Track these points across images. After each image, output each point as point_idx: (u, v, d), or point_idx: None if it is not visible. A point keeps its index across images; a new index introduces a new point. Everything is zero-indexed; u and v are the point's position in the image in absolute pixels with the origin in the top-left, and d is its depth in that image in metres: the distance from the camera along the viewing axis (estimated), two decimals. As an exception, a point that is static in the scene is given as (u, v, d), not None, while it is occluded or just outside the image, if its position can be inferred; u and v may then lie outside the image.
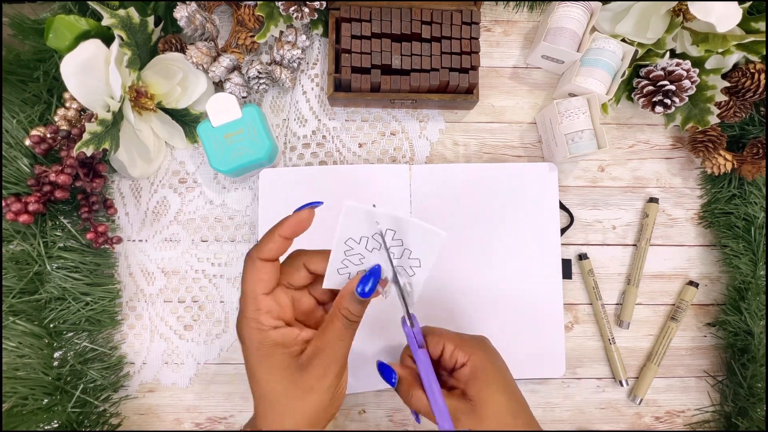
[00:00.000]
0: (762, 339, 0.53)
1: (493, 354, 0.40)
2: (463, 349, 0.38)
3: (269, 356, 0.33)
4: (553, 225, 0.54)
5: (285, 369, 0.33)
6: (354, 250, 0.34)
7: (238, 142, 0.50)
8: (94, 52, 0.47)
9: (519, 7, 0.59)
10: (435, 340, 0.39)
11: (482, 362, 0.38)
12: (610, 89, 0.54)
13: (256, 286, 0.34)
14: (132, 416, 0.54)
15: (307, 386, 0.33)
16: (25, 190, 0.49)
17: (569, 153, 0.52)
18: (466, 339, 0.39)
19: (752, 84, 0.52)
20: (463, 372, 0.38)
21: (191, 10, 0.50)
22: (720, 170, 0.54)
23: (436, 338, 0.39)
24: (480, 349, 0.39)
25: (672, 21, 0.52)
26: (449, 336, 0.39)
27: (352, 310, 0.34)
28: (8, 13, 0.50)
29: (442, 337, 0.39)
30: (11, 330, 0.49)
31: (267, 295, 0.34)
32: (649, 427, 0.56)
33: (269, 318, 0.34)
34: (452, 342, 0.38)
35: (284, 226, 0.34)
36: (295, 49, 0.53)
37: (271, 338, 0.33)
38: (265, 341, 0.33)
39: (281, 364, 0.33)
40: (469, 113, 0.58)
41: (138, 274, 0.55)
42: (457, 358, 0.38)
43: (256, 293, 0.34)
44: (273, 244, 0.34)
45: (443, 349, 0.39)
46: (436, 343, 0.39)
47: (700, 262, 0.58)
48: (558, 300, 0.54)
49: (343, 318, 0.34)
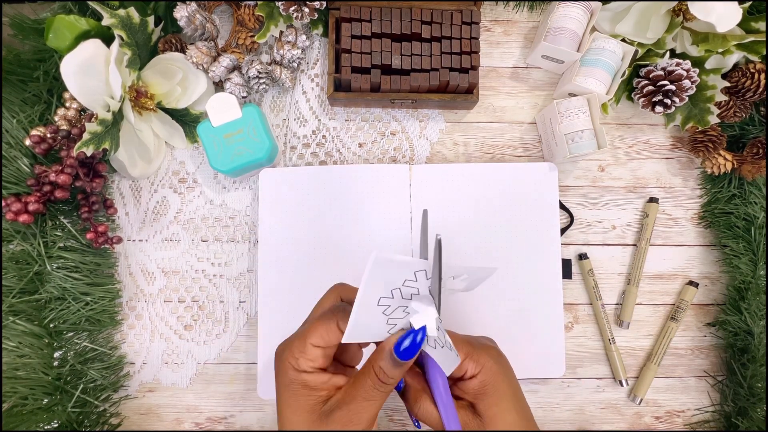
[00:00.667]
0: (762, 339, 0.53)
1: (505, 367, 0.37)
2: (474, 360, 0.35)
3: (296, 395, 0.33)
4: (553, 225, 0.54)
5: (308, 412, 0.32)
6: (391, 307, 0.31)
7: (238, 142, 0.50)
8: (94, 52, 0.47)
9: (519, 7, 0.59)
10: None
11: (494, 377, 0.35)
12: (610, 89, 0.54)
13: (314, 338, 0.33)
14: (132, 416, 0.54)
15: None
16: (25, 190, 0.49)
17: (569, 153, 0.52)
18: (476, 348, 0.36)
19: (752, 84, 0.52)
20: (472, 384, 0.35)
21: (191, 10, 0.50)
22: (720, 170, 0.54)
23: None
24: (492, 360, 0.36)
25: (672, 21, 0.52)
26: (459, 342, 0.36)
27: (385, 370, 0.31)
28: (8, 13, 0.50)
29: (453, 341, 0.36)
30: (11, 330, 0.49)
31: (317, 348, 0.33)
32: (649, 427, 0.56)
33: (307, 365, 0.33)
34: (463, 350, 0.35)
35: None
36: (295, 49, 0.53)
37: (302, 379, 0.33)
38: (296, 381, 0.33)
39: (305, 406, 0.32)
40: (469, 113, 0.58)
41: (138, 274, 0.55)
42: (466, 369, 0.35)
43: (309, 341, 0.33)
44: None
45: None
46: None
47: (700, 262, 0.58)
48: (558, 300, 0.54)
49: (375, 377, 0.32)
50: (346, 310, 0.33)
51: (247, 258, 0.55)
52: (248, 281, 0.55)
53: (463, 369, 0.35)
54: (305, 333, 0.33)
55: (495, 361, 0.36)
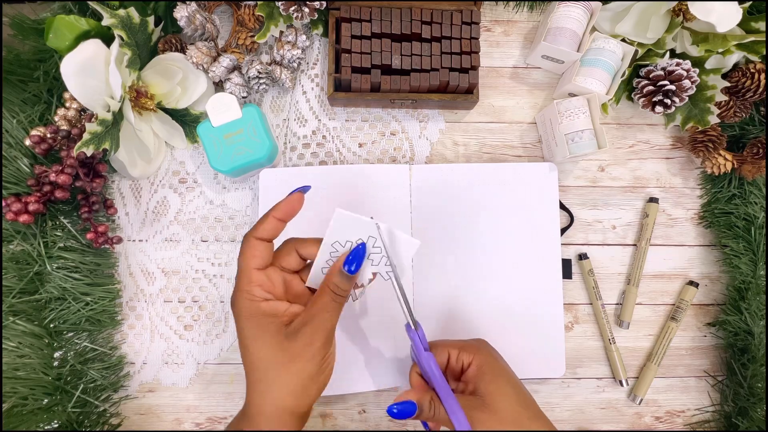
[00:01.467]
0: (762, 339, 0.53)
1: (494, 352, 0.43)
2: (467, 351, 0.41)
3: (259, 325, 0.35)
4: (553, 225, 0.54)
5: (273, 336, 0.35)
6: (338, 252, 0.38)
7: (238, 142, 0.50)
8: (94, 52, 0.47)
9: (519, 7, 0.59)
10: (440, 350, 0.41)
11: (486, 358, 0.41)
12: (610, 89, 0.54)
13: (250, 262, 0.36)
14: (132, 416, 0.54)
15: (294, 353, 0.35)
16: (25, 190, 0.49)
17: (569, 153, 0.52)
18: (468, 343, 0.43)
19: (752, 84, 0.52)
20: (470, 371, 0.41)
21: (191, 10, 0.50)
22: (720, 170, 0.54)
23: (440, 348, 0.41)
24: (482, 348, 0.42)
25: (672, 21, 0.52)
26: (452, 343, 0.42)
27: (339, 285, 0.36)
28: (8, 13, 0.50)
29: (445, 345, 0.42)
30: (11, 330, 0.49)
31: (260, 271, 0.36)
32: (649, 427, 0.56)
33: (260, 290, 0.36)
34: (455, 347, 0.41)
35: (277, 209, 0.37)
36: (295, 49, 0.53)
37: (262, 308, 0.36)
38: (256, 311, 0.35)
39: (270, 331, 0.35)
40: (469, 113, 0.58)
41: (138, 274, 0.55)
42: (463, 361, 0.41)
43: (250, 268, 0.36)
44: (268, 224, 0.36)
45: (449, 357, 0.41)
46: (442, 353, 0.41)
47: (700, 262, 0.58)
48: (558, 300, 0.54)
49: (331, 292, 0.36)
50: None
51: (247, 258, 0.55)
52: (248, 281, 0.55)
53: (460, 361, 0.41)
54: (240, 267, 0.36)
55: (484, 348, 0.42)
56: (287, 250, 0.38)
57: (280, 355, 0.35)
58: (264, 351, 0.35)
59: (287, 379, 0.35)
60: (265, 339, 0.35)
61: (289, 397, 0.35)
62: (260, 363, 0.35)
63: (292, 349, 0.35)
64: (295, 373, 0.35)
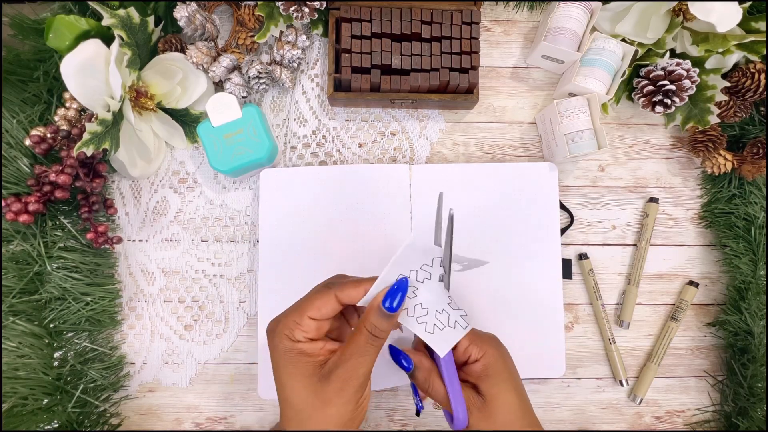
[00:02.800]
0: (762, 339, 0.53)
1: (505, 353, 0.41)
2: (478, 345, 0.39)
3: (294, 363, 0.34)
4: (553, 225, 0.54)
5: (308, 377, 0.34)
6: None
7: (238, 142, 0.50)
8: (94, 52, 0.47)
9: (519, 7, 0.59)
10: None
11: (495, 360, 0.39)
12: (610, 89, 0.54)
13: (311, 310, 0.35)
14: (132, 416, 0.54)
15: (326, 397, 0.34)
16: (25, 190, 0.49)
17: (569, 153, 0.52)
18: (480, 335, 0.40)
19: (752, 84, 0.52)
20: (476, 367, 0.39)
21: (191, 10, 0.50)
22: (720, 170, 0.54)
23: None
24: (494, 347, 0.40)
25: (672, 21, 0.52)
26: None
27: (377, 324, 0.34)
28: (8, 13, 0.50)
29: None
30: (11, 330, 0.49)
31: (312, 320, 0.35)
32: (649, 427, 0.56)
33: (302, 335, 0.35)
34: (466, 338, 0.39)
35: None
36: (295, 49, 0.53)
37: (298, 347, 0.35)
38: (293, 349, 0.35)
39: (305, 371, 0.34)
40: (469, 113, 0.58)
41: (138, 274, 0.55)
42: (470, 354, 0.39)
43: (306, 314, 0.35)
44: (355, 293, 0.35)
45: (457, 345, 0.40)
46: None
47: (700, 262, 0.58)
48: (558, 300, 0.54)
49: (367, 333, 0.34)
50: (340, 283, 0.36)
51: (247, 258, 0.55)
52: (248, 281, 0.55)
53: (467, 353, 0.39)
54: (302, 306, 0.35)
55: (496, 348, 0.40)
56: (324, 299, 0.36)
57: (312, 398, 0.34)
58: (297, 391, 0.34)
59: (322, 422, 0.34)
60: (300, 379, 0.34)
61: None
62: (294, 401, 0.34)
63: (326, 393, 0.34)
64: (327, 417, 0.34)
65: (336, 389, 0.34)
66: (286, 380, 0.35)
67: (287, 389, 0.35)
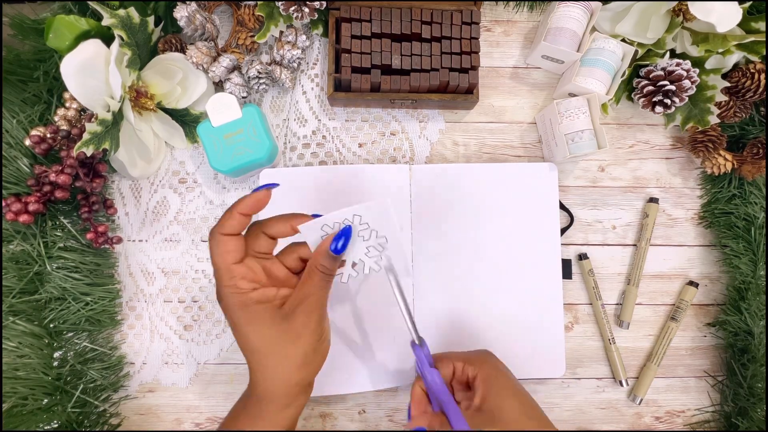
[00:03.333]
0: (762, 339, 0.53)
1: (498, 363, 0.43)
2: (472, 363, 0.41)
3: (253, 313, 0.36)
4: (553, 225, 0.54)
5: (271, 320, 0.36)
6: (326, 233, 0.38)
7: (238, 142, 0.50)
8: (94, 52, 0.47)
9: (519, 7, 0.59)
10: (444, 363, 0.42)
11: (490, 371, 0.41)
12: (610, 89, 0.54)
13: (226, 258, 0.36)
14: (132, 416, 0.54)
15: (294, 332, 0.36)
16: (25, 190, 0.49)
17: (569, 153, 0.52)
18: (472, 354, 0.43)
19: (752, 84, 0.52)
20: (475, 384, 0.41)
21: (191, 10, 0.50)
22: (720, 170, 0.54)
23: (445, 361, 0.42)
24: (486, 360, 0.42)
25: (672, 21, 0.52)
26: (456, 356, 0.43)
27: (327, 265, 0.37)
28: (8, 13, 0.50)
29: (450, 358, 0.42)
30: (11, 330, 0.49)
31: (238, 264, 0.36)
32: (649, 427, 0.56)
33: (245, 282, 0.36)
34: (460, 360, 0.42)
35: (242, 205, 0.37)
36: (295, 49, 0.53)
37: (253, 297, 0.36)
38: (248, 301, 0.36)
39: (266, 316, 0.36)
40: (469, 113, 0.58)
41: (138, 274, 0.55)
42: (468, 373, 0.41)
43: (227, 264, 0.36)
44: (233, 220, 0.37)
45: (454, 370, 0.42)
46: (446, 366, 0.42)
47: (700, 262, 0.58)
48: (558, 300, 0.54)
49: (319, 272, 0.37)
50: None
51: (247, 258, 0.55)
52: (248, 281, 0.55)
53: (465, 373, 0.41)
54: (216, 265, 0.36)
55: (489, 360, 0.42)
56: (254, 235, 0.38)
57: (280, 336, 0.36)
58: (264, 334, 0.36)
59: (293, 355, 0.36)
60: (263, 324, 0.36)
61: (296, 371, 0.37)
62: (262, 346, 0.36)
63: (292, 328, 0.36)
64: (297, 350, 0.36)
65: (302, 322, 0.36)
66: (248, 330, 0.36)
67: (251, 338, 0.36)
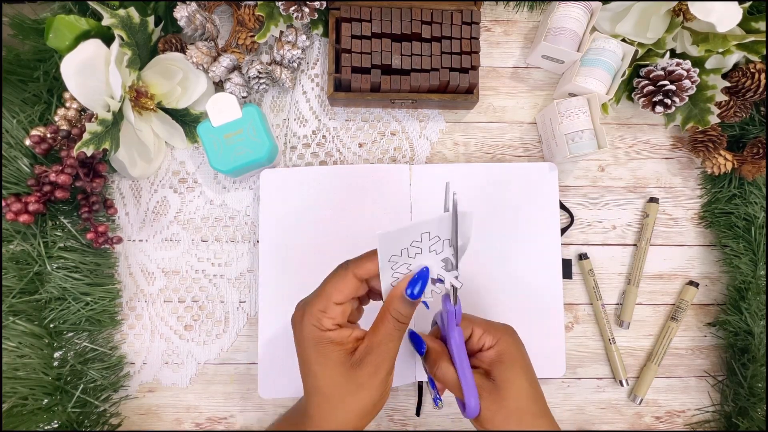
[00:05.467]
0: (762, 339, 0.53)
1: (519, 342, 0.42)
2: (492, 334, 0.40)
3: (326, 353, 0.35)
4: (553, 225, 0.54)
5: (340, 365, 0.35)
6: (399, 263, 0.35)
7: (238, 142, 0.50)
8: (94, 52, 0.47)
9: (519, 7, 0.59)
10: (465, 324, 0.41)
11: (509, 347, 0.40)
12: (610, 89, 0.54)
13: (335, 294, 0.35)
14: (132, 416, 0.54)
15: (359, 382, 0.35)
16: (25, 190, 0.49)
17: (569, 153, 0.52)
18: (494, 325, 0.42)
19: (752, 84, 0.52)
20: (488, 354, 0.40)
21: (191, 10, 0.50)
22: (720, 170, 0.54)
23: (466, 322, 0.41)
24: (508, 335, 0.41)
25: (672, 21, 0.52)
26: (479, 321, 0.41)
27: (401, 311, 0.35)
28: (8, 13, 0.50)
29: (472, 321, 0.41)
30: (11, 330, 0.49)
31: (338, 305, 0.36)
32: (649, 427, 0.56)
33: (330, 322, 0.35)
34: (481, 327, 0.41)
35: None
36: (295, 49, 0.53)
37: (329, 336, 0.35)
38: (323, 339, 0.35)
39: (337, 360, 0.35)
40: (469, 113, 0.58)
41: (138, 274, 0.55)
42: (484, 342, 0.40)
43: (331, 299, 0.35)
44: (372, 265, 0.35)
45: (472, 333, 0.41)
46: (466, 327, 0.41)
47: (700, 262, 0.58)
48: (558, 300, 0.54)
49: (393, 319, 0.35)
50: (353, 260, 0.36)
51: (247, 258, 0.55)
52: (248, 281, 0.55)
53: (481, 342, 0.40)
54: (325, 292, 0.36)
55: (510, 335, 0.41)
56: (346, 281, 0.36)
57: (345, 384, 0.35)
58: (329, 378, 0.35)
59: (353, 406, 0.35)
60: (332, 367, 0.35)
61: (353, 420, 0.36)
62: (325, 389, 0.36)
63: (358, 378, 0.35)
64: (359, 400, 0.35)
65: (369, 374, 0.35)
66: (317, 369, 0.35)
67: (319, 378, 0.35)
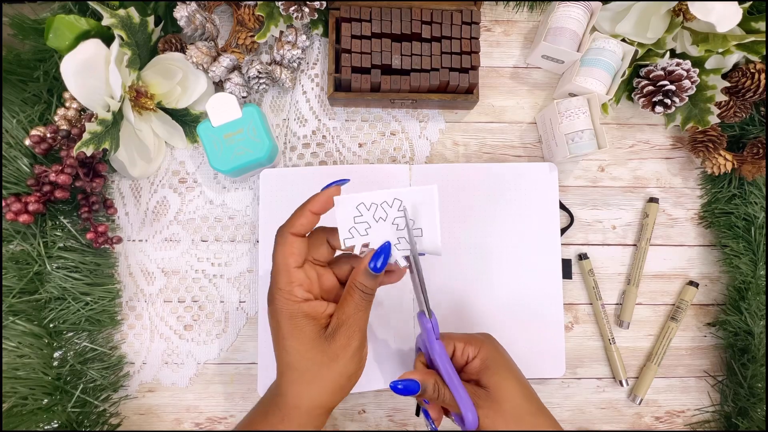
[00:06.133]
0: (762, 339, 0.53)
1: (499, 347, 0.43)
2: (472, 344, 0.42)
3: (300, 327, 0.35)
4: (553, 225, 0.54)
5: (314, 339, 0.35)
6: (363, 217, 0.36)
7: (238, 142, 0.50)
8: (94, 52, 0.47)
9: (519, 7, 0.59)
10: (446, 341, 0.41)
11: (491, 353, 0.41)
12: (610, 89, 0.54)
13: (289, 260, 0.35)
14: (132, 416, 0.54)
15: (333, 355, 0.35)
16: (25, 190, 0.49)
17: (569, 153, 0.52)
18: (473, 336, 0.43)
19: (752, 84, 0.52)
20: (474, 364, 0.41)
21: (191, 10, 0.50)
22: (720, 170, 0.54)
23: (446, 340, 0.41)
24: (488, 342, 0.43)
25: (672, 21, 0.52)
26: (458, 336, 0.42)
27: (366, 284, 0.36)
28: (8, 13, 0.50)
29: (452, 338, 0.42)
30: (11, 330, 0.49)
31: (298, 269, 0.36)
32: (649, 427, 0.56)
33: (301, 290, 0.36)
34: (461, 340, 0.42)
35: (314, 202, 0.36)
36: (295, 49, 0.53)
37: (303, 310, 0.35)
38: (297, 312, 0.35)
39: (311, 334, 0.35)
40: (469, 113, 0.58)
41: (138, 274, 0.55)
42: (468, 354, 0.41)
43: (289, 266, 0.35)
44: (304, 219, 0.36)
45: (455, 349, 0.42)
46: (448, 344, 0.41)
47: (700, 262, 0.58)
48: (558, 300, 0.54)
49: (359, 291, 0.36)
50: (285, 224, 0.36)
51: (247, 258, 0.55)
52: (248, 281, 0.55)
53: (465, 354, 0.41)
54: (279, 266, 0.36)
55: (490, 342, 0.43)
56: (319, 241, 0.38)
57: (319, 357, 0.35)
58: (304, 353, 0.35)
59: (328, 379, 0.36)
60: (306, 341, 0.35)
61: (327, 395, 0.36)
62: (299, 363, 0.36)
63: (331, 350, 0.35)
64: (333, 373, 0.36)
65: (342, 345, 0.35)
66: (291, 344, 0.35)
67: (292, 353, 0.36)
